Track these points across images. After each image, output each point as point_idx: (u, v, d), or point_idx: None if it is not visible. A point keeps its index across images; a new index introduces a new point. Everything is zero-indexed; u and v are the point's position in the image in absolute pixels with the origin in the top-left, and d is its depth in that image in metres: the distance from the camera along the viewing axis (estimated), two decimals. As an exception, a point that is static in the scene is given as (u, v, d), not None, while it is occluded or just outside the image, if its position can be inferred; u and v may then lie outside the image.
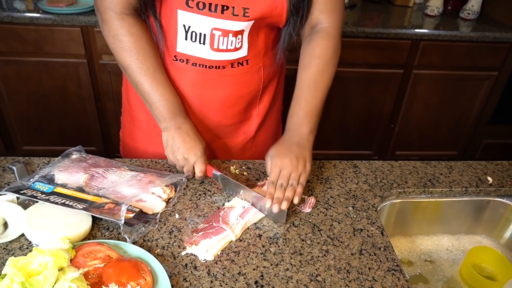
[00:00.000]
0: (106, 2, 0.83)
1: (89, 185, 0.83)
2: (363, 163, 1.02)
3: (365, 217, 0.85)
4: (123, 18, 0.84)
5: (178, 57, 0.90)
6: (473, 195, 0.99)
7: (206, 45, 0.87)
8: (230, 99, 0.97)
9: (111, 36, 0.86)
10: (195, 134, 0.92)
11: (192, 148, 0.89)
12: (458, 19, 2.32)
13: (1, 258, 0.70)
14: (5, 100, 2.08)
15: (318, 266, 0.73)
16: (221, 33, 0.85)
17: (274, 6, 0.83)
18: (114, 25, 0.85)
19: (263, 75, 0.98)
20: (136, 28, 0.86)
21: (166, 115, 0.90)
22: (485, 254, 0.92)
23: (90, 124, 2.20)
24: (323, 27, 0.93)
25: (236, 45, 0.88)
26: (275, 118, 1.15)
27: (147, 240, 0.76)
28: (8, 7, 1.92)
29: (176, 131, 0.90)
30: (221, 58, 0.89)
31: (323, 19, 0.92)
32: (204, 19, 0.83)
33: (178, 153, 0.89)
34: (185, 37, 0.86)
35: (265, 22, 0.88)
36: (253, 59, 0.94)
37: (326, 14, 0.92)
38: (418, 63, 2.15)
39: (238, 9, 0.82)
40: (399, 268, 0.74)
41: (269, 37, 0.94)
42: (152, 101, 0.90)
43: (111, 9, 0.84)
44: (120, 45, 0.86)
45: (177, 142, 0.90)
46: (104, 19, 0.86)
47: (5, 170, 0.90)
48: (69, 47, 1.94)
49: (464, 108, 2.35)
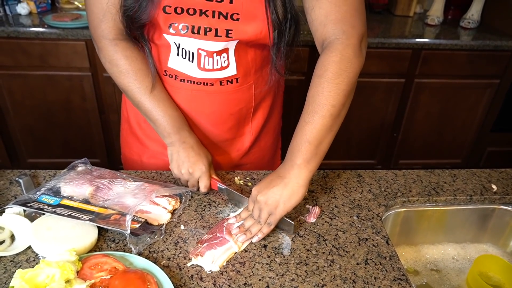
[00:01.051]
0: (99, 31, 0.85)
1: (95, 197, 0.84)
2: (367, 173, 1.03)
3: (370, 227, 0.85)
4: (117, 44, 0.87)
5: (168, 72, 0.91)
6: (478, 203, 0.99)
7: (194, 63, 0.87)
8: (220, 116, 0.97)
9: (107, 62, 0.89)
10: (200, 148, 0.93)
11: (196, 162, 0.89)
12: (459, 28, 2.34)
13: (9, 270, 0.70)
14: (10, 113, 2.10)
15: (323, 276, 0.73)
16: (206, 54, 0.85)
17: (258, 31, 0.82)
18: (109, 51, 0.87)
19: (254, 92, 0.97)
20: (131, 51, 0.88)
21: (170, 130, 0.91)
22: (492, 262, 0.92)
23: (94, 136, 2.22)
24: (328, 42, 0.80)
25: (222, 64, 0.88)
26: (271, 134, 1.13)
27: (153, 252, 0.76)
28: (15, 22, 1.95)
29: (181, 145, 0.91)
30: (208, 77, 0.89)
31: (328, 33, 0.80)
32: (189, 40, 0.83)
33: (183, 167, 0.90)
34: (177, 53, 0.87)
35: (251, 43, 0.87)
36: (243, 77, 0.92)
37: (332, 27, 0.79)
38: (420, 72, 2.16)
39: (221, 30, 0.81)
40: (405, 278, 0.74)
41: (258, 56, 0.92)
42: (155, 118, 0.91)
43: (104, 37, 0.86)
44: (117, 69, 0.88)
45: (182, 156, 0.90)
46: (99, 47, 0.88)
47: (12, 183, 0.91)
48: (73, 60, 1.97)
49: (466, 116, 2.35)
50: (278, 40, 0.84)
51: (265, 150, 1.14)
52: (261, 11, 0.80)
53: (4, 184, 0.91)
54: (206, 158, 0.92)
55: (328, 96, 0.77)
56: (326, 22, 0.79)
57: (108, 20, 0.83)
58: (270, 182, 0.79)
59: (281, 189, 0.77)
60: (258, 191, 0.79)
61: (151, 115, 0.91)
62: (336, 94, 0.77)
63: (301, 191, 0.78)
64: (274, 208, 0.77)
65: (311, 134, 0.77)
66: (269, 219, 0.78)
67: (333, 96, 0.76)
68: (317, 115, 0.77)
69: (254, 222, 0.80)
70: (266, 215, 0.78)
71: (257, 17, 0.81)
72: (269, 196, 0.77)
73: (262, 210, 0.78)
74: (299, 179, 0.78)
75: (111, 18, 0.83)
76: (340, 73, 0.77)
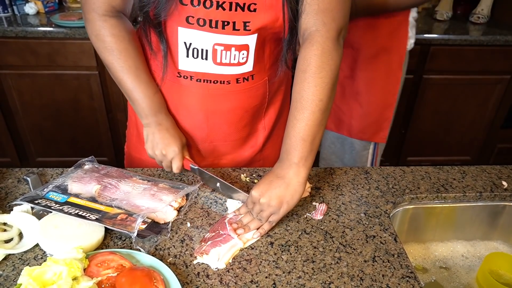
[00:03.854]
0: (90, 3, 0.85)
1: (102, 196, 0.84)
2: (374, 169, 1.02)
3: (377, 224, 0.84)
4: (106, 20, 0.86)
5: (182, 74, 0.91)
6: (488, 200, 0.97)
7: (208, 60, 0.87)
8: (236, 114, 0.97)
9: (93, 36, 0.89)
10: (175, 131, 0.94)
11: (170, 144, 0.91)
12: (468, 23, 2.31)
13: (17, 268, 0.71)
14: (19, 113, 2.12)
15: (331, 274, 0.73)
16: (223, 48, 0.85)
17: (275, 18, 0.82)
18: (96, 26, 0.87)
19: (268, 88, 0.98)
20: (119, 29, 0.87)
21: (148, 111, 0.92)
22: (502, 260, 0.91)
23: (102, 135, 2.23)
24: (309, 33, 0.81)
25: (240, 60, 0.88)
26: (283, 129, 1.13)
27: (159, 249, 0.76)
28: (22, 22, 1.96)
29: (157, 127, 0.93)
30: (225, 72, 0.89)
31: (309, 23, 0.81)
32: (205, 35, 0.83)
33: (156, 148, 0.92)
34: (186, 55, 0.87)
35: (269, 35, 0.87)
36: (258, 74, 0.93)
37: (313, 17, 0.80)
38: (428, 68, 2.14)
39: (239, 23, 0.81)
40: (413, 275, 0.73)
41: (274, 51, 0.93)
42: (135, 98, 0.92)
43: (94, 10, 0.85)
44: (103, 44, 0.88)
45: (156, 137, 0.92)
46: (87, 19, 0.88)
47: (20, 181, 0.92)
48: (81, 59, 1.98)
49: (476, 113, 2.32)
50: (291, 30, 0.85)
51: (278, 145, 1.13)
52: (277, 0, 0.80)
53: (12, 182, 0.91)
54: (180, 140, 0.93)
55: (314, 91, 0.78)
56: (308, 11, 0.80)
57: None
58: (270, 183, 0.79)
59: (283, 190, 0.78)
60: (259, 193, 0.78)
61: (132, 94, 0.91)
62: (321, 88, 0.79)
63: (301, 189, 0.79)
64: (277, 208, 0.78)
65: (304, 132, 0.79)
66: (271, 217, 0.79)
67: (319, 90, 0.79)
68: (306, 111, 0.79)
69: (254, 219, 0.81)
70: (268, 214, 0.79)
71: (273, 6, 0.81)
72: (272, 198, 0.77)
73: (264, 211, 0.79)
74: (299, 177, 0.79)
75: None
76: (323, 66, 0.79)
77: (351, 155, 1.53)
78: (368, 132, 1.46)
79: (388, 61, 1.36)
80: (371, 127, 1.45)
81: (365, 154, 1.52)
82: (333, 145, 1.57)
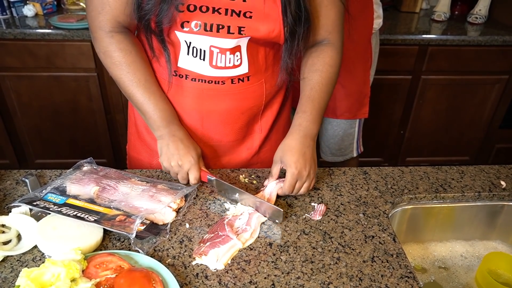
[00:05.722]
0: (96, 22, 0.86)
1: (100, 197, 0.84)
2: (373, 170, 1.02)
3: (376, 224, 0.84)
4: (113, 36, 0.87)
5: (178, 72, 0.91)
6: (486, 200, 0.97)
7: (205, 61, 0.87)
8: (231, 115, 0.97)
9: (102, 53, 0.90)
10: (189, 141, 0.94)
11: (186, 154, 0.90)
12: (466, 23, 2.31)
13: (15, 269, 0.71)
14: (18, 115, 2.12)
15: (330, 274, 0.73)
16: (219, 51, 0.86)
17: (270, 29, 0.83)
18: (104, 42, 0.88)
19: (265, 91, 0.98)
20: (126, 44, 0.88)
21: (160, 123, 0.92)
22: (501, 260, 0.91)
23: (101, 136, 2.23)
24: (329, 42, 0.95)
25: (235, 63, 0.88)
26: (281, 133, 1.12)
27: (158, 250, 0.76)
28: (21, 24, 1.96)
29: (170, 138, 0.92)
30: (220, 75, 0.89)
31: (328, 37, 0.94)
32: (202, 37, 0.84)
33: (172, 159, 0.91)
34: (187, 52, 0.87)
35: (263, 41, 0.88)
36: (254, 75, 0.93)
37: (332, 34, 0.94)
38: (427, 68, 2.14)
39: (234, 28, 0.82)
40: (412, 275, 0.73)
41: (269, 53, 0.94)
42: (146, 111, 0.92)
43: (100, 28, 0.86)
44: (111, 60, 0.89)
45: (171, 149, 0.91)
46: (95, 37, 0.89)
47: (18, 183, 0.92)
48: (79, 61, 1.98)
49: (474, 113, 2.33)
50: (291, 40, 0.86)
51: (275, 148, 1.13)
52: (274, 11, 0.82)
53: (10, 184, 0.91)
54: (195, 151, 0.92)
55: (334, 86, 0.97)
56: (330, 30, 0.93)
57: (106, 13, 0.84)
58: (302, 153, 0.89)
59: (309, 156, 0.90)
60: (296, 168, 0.87)
61: (142, 107, 0.91)
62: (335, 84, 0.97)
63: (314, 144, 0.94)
64: (314, 172, 0.91)
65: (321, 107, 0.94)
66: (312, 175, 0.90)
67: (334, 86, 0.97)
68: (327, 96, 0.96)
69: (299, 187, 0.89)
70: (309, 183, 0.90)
71: (270, 17, 0.82)
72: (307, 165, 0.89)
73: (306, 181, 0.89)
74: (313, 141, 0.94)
75: (109, 11, 0.84)
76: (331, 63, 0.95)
77: (341, 135, 1.67)
78: (353, 111, 1.61)
79: (360, 39, 1.47)
80: (354, 106, 1.59)
81: (352, 132, 1.67)
82: (324, 130, 1.69)
